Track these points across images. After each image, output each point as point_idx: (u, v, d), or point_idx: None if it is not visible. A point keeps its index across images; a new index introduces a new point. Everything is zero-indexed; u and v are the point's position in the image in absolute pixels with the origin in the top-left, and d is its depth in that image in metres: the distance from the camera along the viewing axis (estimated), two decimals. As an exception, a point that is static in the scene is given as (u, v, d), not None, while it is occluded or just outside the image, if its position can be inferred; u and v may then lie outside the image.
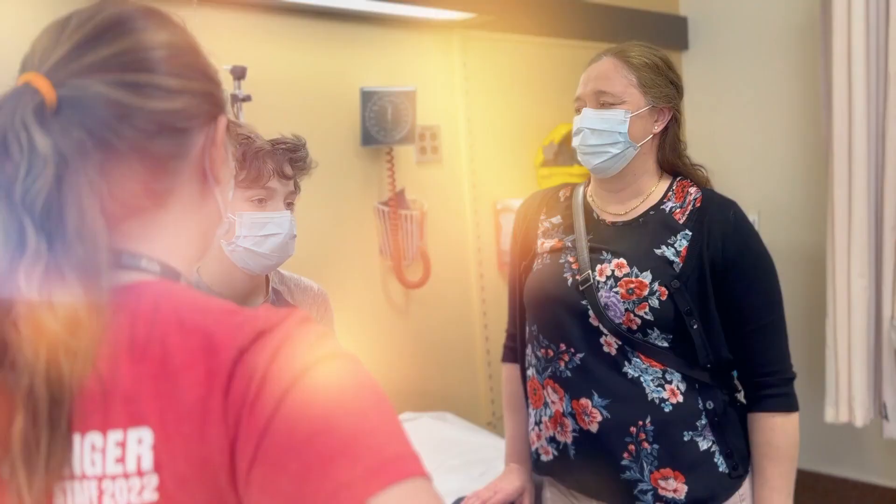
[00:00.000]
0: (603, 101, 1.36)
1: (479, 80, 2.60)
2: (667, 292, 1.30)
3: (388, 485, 0.50)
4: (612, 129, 1.34)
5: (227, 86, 1.91)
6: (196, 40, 0.67)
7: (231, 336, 0.56)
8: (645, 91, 1.35)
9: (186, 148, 0.64)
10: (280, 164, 1.28)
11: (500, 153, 2.69)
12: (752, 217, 3.12)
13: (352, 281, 2.28)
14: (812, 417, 2.89)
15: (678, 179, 1.41)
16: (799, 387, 1.37)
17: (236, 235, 1.25)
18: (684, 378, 1.33)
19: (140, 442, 0.55)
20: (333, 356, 0.56)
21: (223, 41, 1.97)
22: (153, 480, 0.54)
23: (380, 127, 2.22)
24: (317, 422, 0.52)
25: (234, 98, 1.91)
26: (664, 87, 1.37)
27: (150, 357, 0.56)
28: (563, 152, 2.79)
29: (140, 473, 0.55)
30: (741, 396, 1.40)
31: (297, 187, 1.36)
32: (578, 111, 1.40)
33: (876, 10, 2.51)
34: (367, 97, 2.19)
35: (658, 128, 1.38)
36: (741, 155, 3.25)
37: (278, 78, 2.08)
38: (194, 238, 0.68)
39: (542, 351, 1.42)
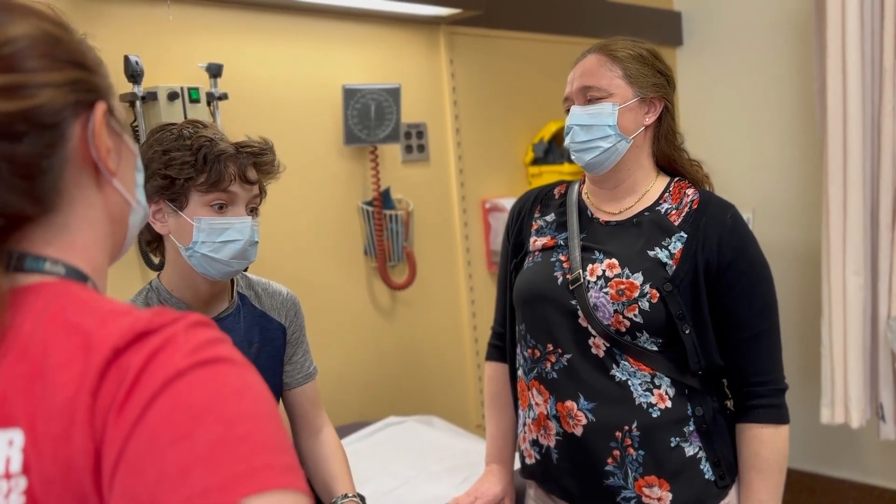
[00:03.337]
0: (590, 96, 1.34)
1: (466, 78, 2.56)
2: (658, 295, 1.26)
3: (248, 495, 0.48)
4: (602, 122, 1.31)
5: (203, 84, 1.87)
6: (64, 27, 0.63)
7: (110, 336, 0.54)
8: (632, 82, 1.33)
9: (60, 144, 0.60)
10: (243, 168, 1.25)
11: (489, 151, 2.65)
12: (746, 215, 3.09)
13: (336, 282, 2.24)
14: (808, 418, 2.85)
15: (676, 180, 1.38)
16: (794, 387, 1.34)
17: (193, 241, 1.23)
18: (673, 383, 1.29)
19: (11, 444, 0.53)
20: (216, 361, 0.54)
21: (198, 38, 1.92)
22: (21, 483, 0.53)
23: (363, 125, 2.18)
24: (181, 427, 0.50)
25: (210, 97, 1.86)
26: (652, 77, 1.34)
27: (30, 357, 0.55)
28: (554, 150, 2.75)
29: (8, 476, 0.53)
30: (731, 404, 1.37)
31: (262, 191, 1.33)
32: (568, 111, 1.38)
33: (871, 3, 2.47)
34: (349, 95, 2.15)
35: (649, 119, 1.35)
36: (735, 152, 3.22)
37: (256, 76, 2.03)
38: (103, 234, 0.66)
39: (529, 351, 1.39)
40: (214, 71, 1.86)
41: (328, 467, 1.42)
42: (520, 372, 1.45)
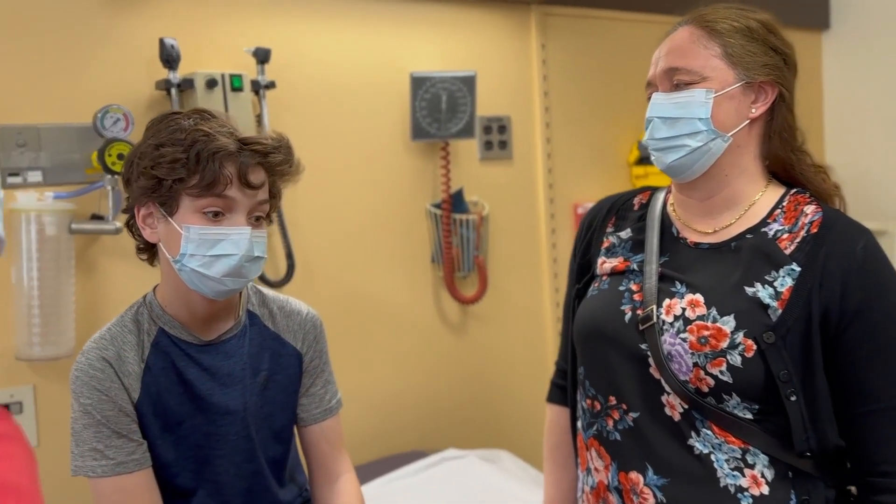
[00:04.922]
0: (677, 80, 1.06)
1: (560, 64, 2.33)
2: (755, 347, 0.99)
3: None
4: (690, 115, 1.04)
5: (249, 71, 1.71)
6: None
7: None
8: (734, 63, 1.04)
9: None
10: (244, 168, 1.07)
11: (585, 148, 2.41)
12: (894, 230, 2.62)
13: (398, 293, 2.08)
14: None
15: (792, 193, 1.08)
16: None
17: (181, 252, 1.07)
18: (773, 462, 1.01)
19: None
20: None
21: (244, 20, 1.79)
22: None
23: (432, 118, 2.01)
24: None
25: (256, 85, 1.71)
26: (762, 56, 1.05)
27: None
28: (663, 148, 2.44)
29: None
30: (854, 489, 1.05)
31: (275, 197, 1.15)
32: (650, 99, 1.12)
33: None
34: (417, 84, 1.98)
35: (757, 111, 1.06)
36: (889, 156, 2.82)
37: (309, 62, 1.89)
38: None
39: (588, 402, 1.15)
40: (262, 56, 1.73)
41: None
42: (578, 424, 1.20)
